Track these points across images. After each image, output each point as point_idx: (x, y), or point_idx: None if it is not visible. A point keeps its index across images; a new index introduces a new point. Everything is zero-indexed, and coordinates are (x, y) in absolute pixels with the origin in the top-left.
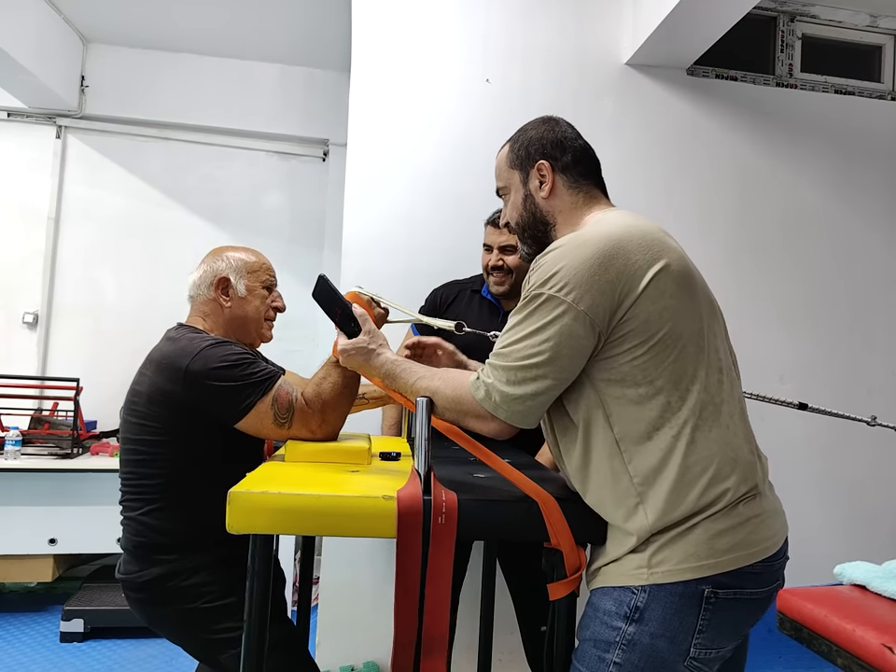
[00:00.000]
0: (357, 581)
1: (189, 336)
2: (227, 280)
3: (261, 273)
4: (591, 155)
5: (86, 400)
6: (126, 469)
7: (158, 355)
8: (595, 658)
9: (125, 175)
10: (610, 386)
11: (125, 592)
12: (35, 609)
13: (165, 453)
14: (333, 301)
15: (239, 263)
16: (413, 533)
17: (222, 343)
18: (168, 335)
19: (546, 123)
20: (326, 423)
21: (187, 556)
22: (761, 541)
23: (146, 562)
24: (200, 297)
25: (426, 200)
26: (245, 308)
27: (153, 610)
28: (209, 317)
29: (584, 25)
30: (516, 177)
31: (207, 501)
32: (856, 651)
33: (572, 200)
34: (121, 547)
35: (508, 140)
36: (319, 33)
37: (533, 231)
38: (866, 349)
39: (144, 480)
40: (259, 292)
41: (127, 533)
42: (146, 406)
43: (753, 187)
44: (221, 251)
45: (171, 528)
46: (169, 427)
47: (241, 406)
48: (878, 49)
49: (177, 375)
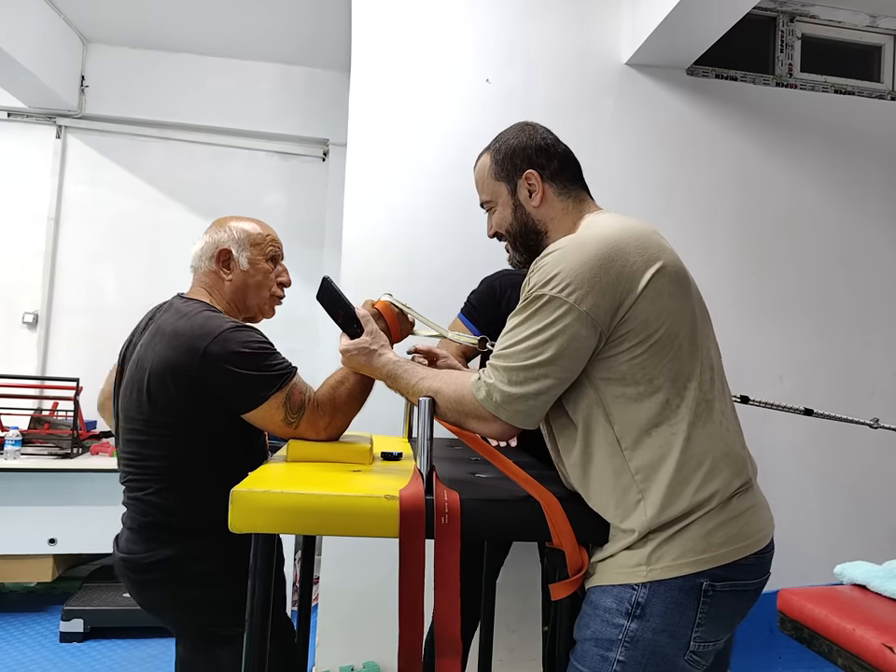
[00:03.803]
0: (357, 582)
1: (206, 314)
2: (228, 252)
3: (265, 244)
4: (573, 159)
5: (86, 400)
6: (130, 448)
7: (170, 328)
8: (597, 657)
9: (125, 175)
10: (610, 385)
11: (125, 572)
12: (34, 608)
13: (174, 434)
14: (336, 302)
15: (242, 234)
16: (415, 533)
17: (242, 328)
18: (177, 306)
19: (524, 131)
20: (333, 425)
21: (194, 540)
22: (754, 533)
23: (152, 542)
24: (201, 268)
25: (425, 200)
26: (247, 281)
27: (153, 592)
28: (212, 290)
29: (584, 25)
30: (503, 189)
31: (215, 486)
32: (856, 651)
33: (563, 206)
34: (126, 527)
35: (485, 150)
36: (319, 33)
37: (525, 239)
38: (867, 348)
39: (150, 461)
40: (263, 266)
41: (133, 513)
42: (155, 382)
43: (753, 186)
44: (225, 221)
45: (179, 510)
46: (180, 406)
47: (255, 397)
48: (878, 48)
49: (194, 355)
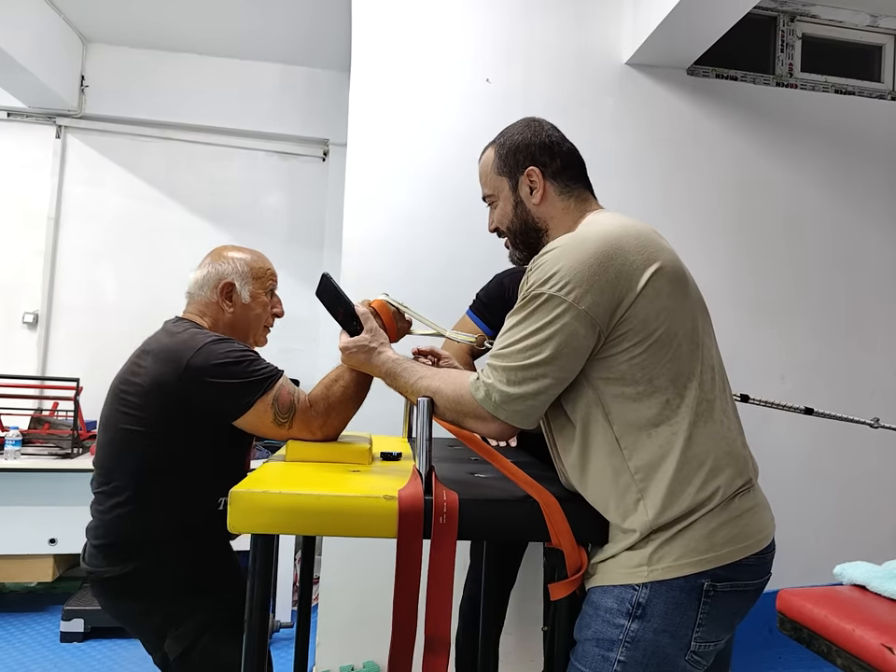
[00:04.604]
0: (356, 582)
1: (192, 331)
2: (231, 285)
3: (266, 279)
4: (578, 157)
5: (86, 400)
6: (105, 461)
7: (156, 346)
8: (598, 657)
9: (125, 175)
10: (609, 385)
11: (91, 583)
12: (35, 609)
13: (152, 446)
14: (336, 299)
15: (244, 268)
16: (413, 533)
17: (224, 340)
18: (167, 327)
19: (530, 127)
20: (328, 425)
21: (155, 554)
22: (756, 533)
23: (112, 559)
24: (200, 297)
25: (425, 200)
26: (248, 315)
27: (117, 603)
28: (207, 317)
29: (585, 25)
30: (505, 184)
31: (181, 499)
32: (856, 652)
33: (564, 205)
34: (88, 539)
35: (490, 144)
36: (320, 33)
37: (525, 237)
38: (867, 348)
39: (122, 473)
40: (262, 299)
41: (97, 525)
42: (139, 396)
43: (753, 186)
44: (226, 251)
45: (142, 527)
46: (161, 420)
47: (241, 403)
48: (878, 48)
49: (177, 368)
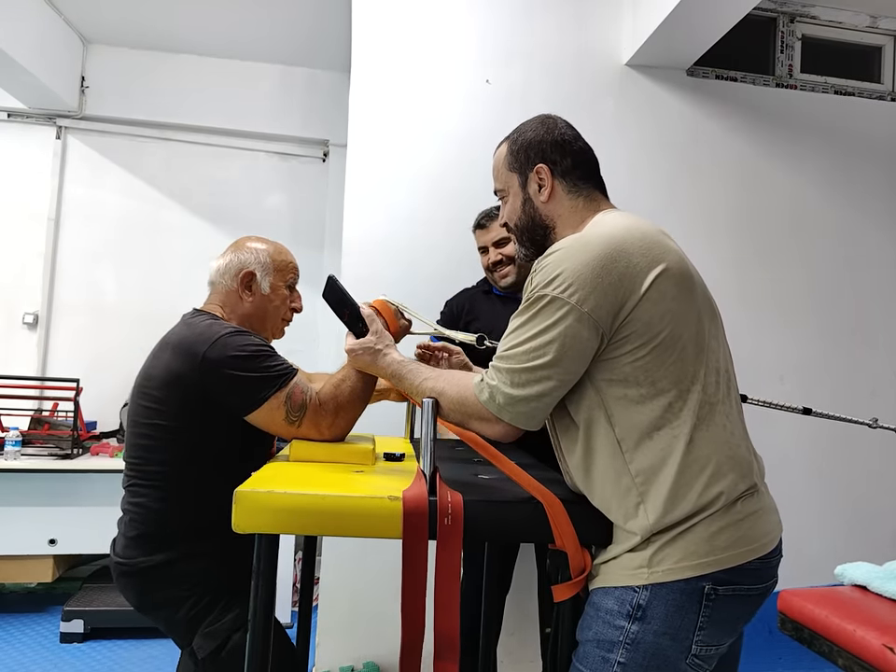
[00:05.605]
0: (357, 582)
1: (208, 322)
2: (252, 275)
3: (287, 272)
4: (590, 156)
5: (86, 401)
6: (134, 454)
7: (175, 338)
8: (598, 658)
9: (125, 176)
10: (612, 387)
11: (120, 576)
12: (35, 609)
13: (177, 439)
14: (342, 301)
15: (267, 259)
16: (419, 534)
17: (241, 333)
18: (185, 319)
19: (544, 124)
20: (336, 425)
21: (190, 545)
22: (759, 538)
23: (147, 548)
24: (221, 285)
25: (425, 200)
26: (266, 306)
27: (149, 596)
28: (227, 307)
29: (584, 26)
30: (515, 180)
31: (214, 492)
32: (857, 652)
33: (572, 204)
34: (121, 532)
35: (505, 139)
36: (320, 33)
37: (532, 234)
38: (868, 349)
39: (153, 466)
40: (282, 292)
41: (131, 518)
42: (159, 389)
43: (754, 187)
44: (249, 242)
45: (176, 515)
46: (183, 412)
47: (255, 398)
48: (878, 49)
49: (194, 360)
